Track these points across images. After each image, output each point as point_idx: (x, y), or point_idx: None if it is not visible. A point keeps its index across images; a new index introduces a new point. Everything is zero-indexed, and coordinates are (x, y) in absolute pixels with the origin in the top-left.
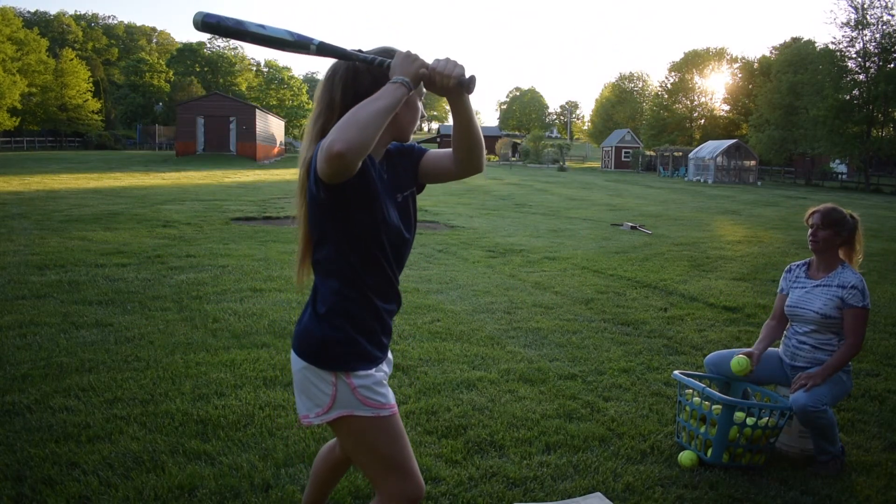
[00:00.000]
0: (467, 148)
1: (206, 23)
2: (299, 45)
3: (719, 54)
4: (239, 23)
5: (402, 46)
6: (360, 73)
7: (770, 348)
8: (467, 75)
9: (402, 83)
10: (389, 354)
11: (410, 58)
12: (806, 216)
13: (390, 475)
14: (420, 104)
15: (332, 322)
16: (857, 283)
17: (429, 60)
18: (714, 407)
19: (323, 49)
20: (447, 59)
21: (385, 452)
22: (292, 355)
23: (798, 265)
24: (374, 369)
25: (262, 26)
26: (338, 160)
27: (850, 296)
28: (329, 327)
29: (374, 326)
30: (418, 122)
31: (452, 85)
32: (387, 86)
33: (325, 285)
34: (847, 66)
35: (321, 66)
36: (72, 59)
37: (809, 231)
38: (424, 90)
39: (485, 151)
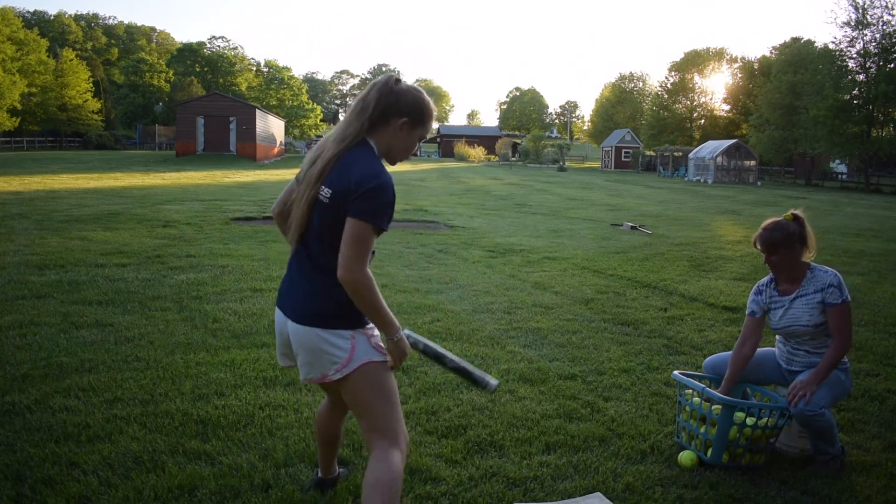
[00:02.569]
0: None
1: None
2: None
3: (719, 54)
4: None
5: (400, 48)
6: (400, 95)
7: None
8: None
9: (395, 341)
10: None
11: (403, 357)
12: (752, 241)
13: (396, 415)
14: (419, 145)
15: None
16: (833, 279)
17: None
18: (714, 407)
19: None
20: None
21: (393, 391)
22: (298, 328)
23: (765, 284)
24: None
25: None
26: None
27: (829, 295)
28: (344, 293)
29: None
30: (408, 156)
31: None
32: (389, 333)
33: (334, 264)
34: (847, 66)
35: (321, 67)
36: (72, 60)
37: (763, 257)
38: (427, 136)
39: None
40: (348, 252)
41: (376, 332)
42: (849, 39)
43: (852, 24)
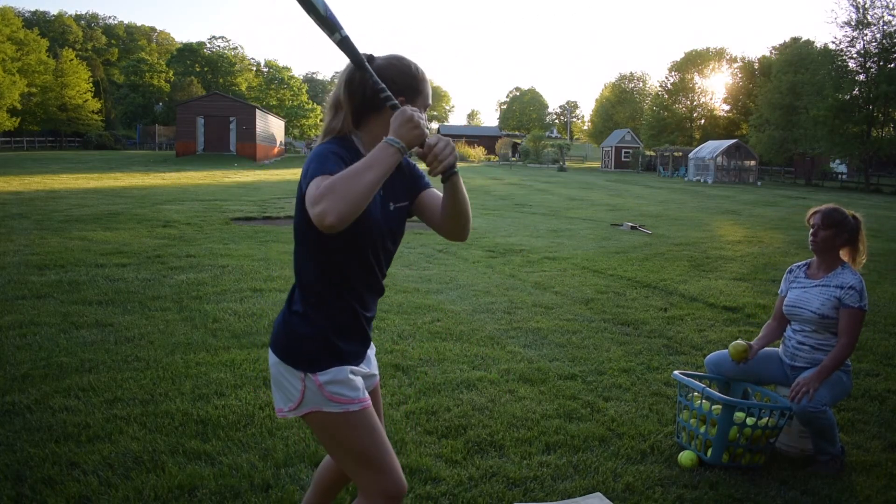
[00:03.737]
0: (452, 219)
1: None
2: (328, 24)
3: (719, 54)
4: None
5: (402, 47)
6: (382, 74)
7: (770, 348)
8: (455, 167)
9: (398, 149)
10: (371, 353)
11: (412, 124)
12: (807, 216)
13: (365, 470)
14: (424, 117)
15: (307, 321)
16: (856, 283)
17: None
18: (714, 407)
19: (344, 44)
20: (446, 144)
21: (357, 447)
22: (269, 350)
23: (799, 266)
24: (345, 366)
25: None
26: (329, 229)
27: (847, 296)
28: (303, 326)
29: (350, 329)
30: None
31: (438, 171)
32: (382, 149)
33: (304, 285)
34: (847, 66)
35: (321, 67)
36: (72, 60)
37: (810, 231)
38: (430, 102)
39: (470, 224)
40: (307, 195)
41: (339, 376)
42: (849, 39)
43: (853, 23)
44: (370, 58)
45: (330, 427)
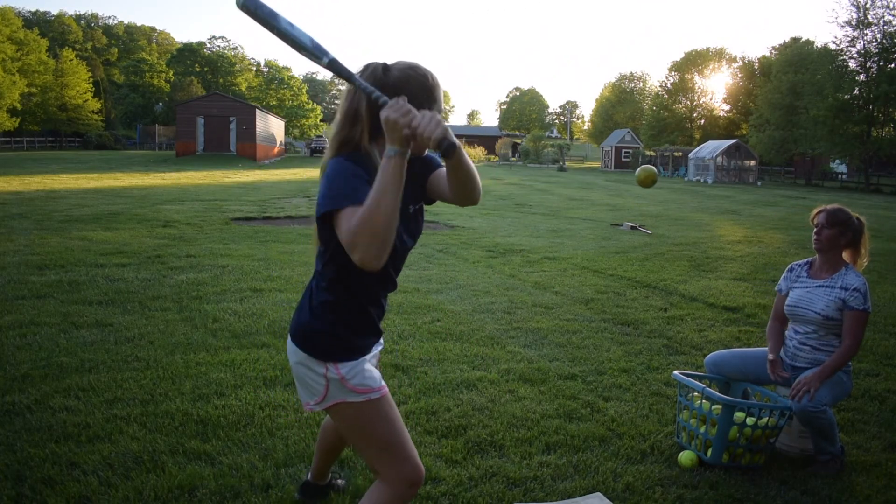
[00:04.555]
0: (457, 187)
1: (246, 4)
2: (315, 53)
3: (719, 54)
4: (273, 15)
5: (402, 46)
6: (399, 86)
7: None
8: (450, 139)
9: (398, 154)
10: (381, 339)
11: (394, 126)
12: (812, 215)
13: (387, 457)
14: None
15: (322, 316)
16: (860, 285)
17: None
18: (714, 407)
19: (333, 65)
20: (431, 119)
21: (379, 435)
22: (289, 344)
23: (800, 264)
24: (362, 358)
25: (291, 25)
26: (372, 269)
27: (851, 298)
28: (319, 321)
29: (362, 327)
30: None
31: (432, 147)
32: (384, 168)
33: (321, 281)
34: (847, 66)
35: (321, 67)
36: (72, 60)
37: (814, 230)
38: (443, 106)
39: (479, 187)
40: (340, 228)
41: (358, 367)
42: (849, 39)
43: (853, 23)
44: (385, 67)
45: (355, 416)
